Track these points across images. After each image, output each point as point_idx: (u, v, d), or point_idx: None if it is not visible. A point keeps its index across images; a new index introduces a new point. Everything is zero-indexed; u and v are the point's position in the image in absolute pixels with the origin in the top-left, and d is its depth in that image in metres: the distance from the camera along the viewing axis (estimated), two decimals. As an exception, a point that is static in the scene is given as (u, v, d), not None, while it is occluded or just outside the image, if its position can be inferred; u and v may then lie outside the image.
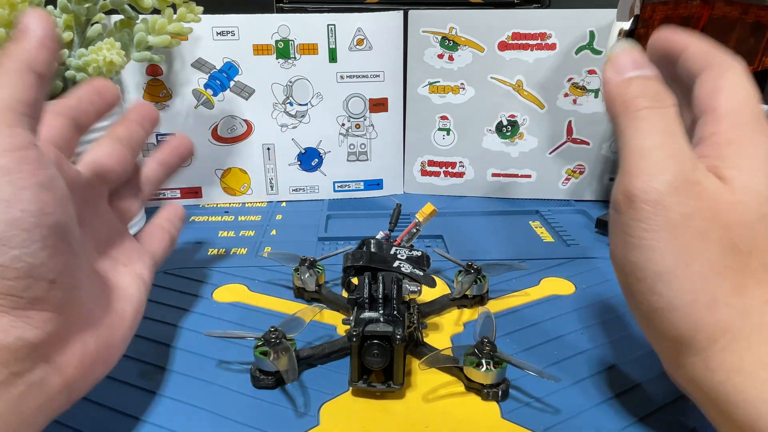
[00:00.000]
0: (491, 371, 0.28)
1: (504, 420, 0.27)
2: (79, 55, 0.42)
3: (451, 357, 0.30)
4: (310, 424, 0.27)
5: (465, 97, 0.57)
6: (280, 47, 0.54)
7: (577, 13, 0.53)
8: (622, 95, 0.24)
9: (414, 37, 0.56)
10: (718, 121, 0.23)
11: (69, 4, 0.42)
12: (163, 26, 0.46)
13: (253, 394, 0.29)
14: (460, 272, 0.38)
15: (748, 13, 0.37)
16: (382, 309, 0.29)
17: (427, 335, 0.35)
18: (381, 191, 0.61)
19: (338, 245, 0.48)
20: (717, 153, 0.22)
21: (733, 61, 0.24)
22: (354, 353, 0.28)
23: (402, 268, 0.33)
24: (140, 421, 0.27)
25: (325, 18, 0.54)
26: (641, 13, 0.43)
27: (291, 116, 0.57)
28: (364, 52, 0.55)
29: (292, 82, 0.55)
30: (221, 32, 0.53)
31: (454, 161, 0.59)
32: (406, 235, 0.38)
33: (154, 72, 0.54)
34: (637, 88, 0.24)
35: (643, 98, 0.23)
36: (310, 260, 0.38)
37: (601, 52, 0.54)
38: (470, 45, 0.55)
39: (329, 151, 0.58)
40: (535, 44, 0.54)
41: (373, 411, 0.28)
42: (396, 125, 0.59)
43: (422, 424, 0.27)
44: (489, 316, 0.32)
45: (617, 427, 0.27)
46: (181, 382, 0.30)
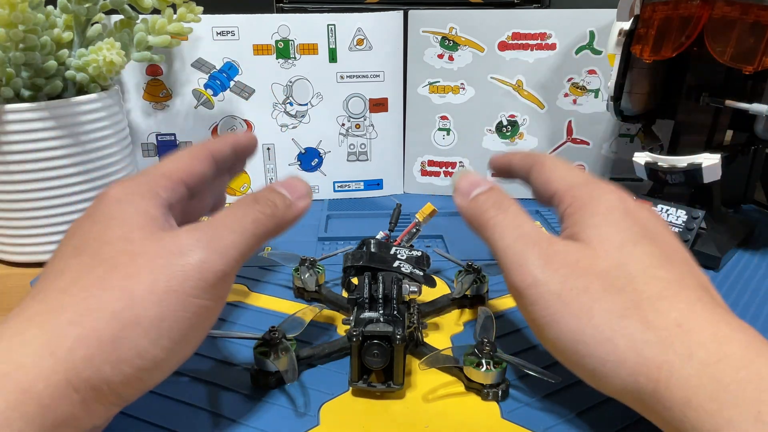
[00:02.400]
0: (491, 371, 0.28)
1: (504, 420, 0.27)
2: (79, 55, 0.42)
3: (451, 357, 0.30)
4: (310, 424, 0.27)
5: (465, 97, 0.57)
6: (280, 47, 0.54)
7: (577, 13, 0.53)
8: (474, 213, 0.28)
9: (414, 37, 0.56)
10: (563, 198, 0.27)
11: (69, 4, 0.42)
12: (163, 26, 0.46)
13: (253, 394, 0.29)
14: (460, 272, 0.38)
15: (748, 13, 0.37)
16: (382, 309, 0.29)
17: (427, 335, 0.35)
18: (381, 191, 0.61)
19: (338, 245, 0.48)
20: (572, 222, 0.26)
21: (543, 155, 0.30)
22: (354, 353, 0.28)
23: (402, 268, 0.33)
24: (140, 421, 0.27)
25: (325, 18, 0.54)
26: (641, 13, 0.43)
27: (291, 116, 0.57)
28: (364, 52, 0.55)
29: (292, 82, 0.55)
30: (221, 32, 0.53)
31: (454, 161, 0.59)
32: (406, 235, 0.38)
33: (154, 72, 0.54)
34: (482, 203, 0.28)
35: (490, 209, 0.27)
36: (310, 260, 0.38)
37: (601, 52, 0.54)
38: (470, 45, 0.55)
39: (329, 151, 0.58)
40: (535, 44, 0.54)
41: (373, 411, 0.28)
42: (396, 125, 0.59)
43: (422, 424, 0.27)
44: (489, 316, 0.32)
45: (617, 427, 0.27)
46: (181, 382, 0.30)
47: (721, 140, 0.46)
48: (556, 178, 0.28)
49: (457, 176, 0.30)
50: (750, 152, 0.46)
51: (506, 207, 0.27)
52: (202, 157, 0.28)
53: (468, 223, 0.28)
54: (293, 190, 0.27)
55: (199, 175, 0.28)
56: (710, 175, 0.42)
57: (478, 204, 0.28)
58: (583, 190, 0.26)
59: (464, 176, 0.29)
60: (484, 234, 0.27)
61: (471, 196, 0.28)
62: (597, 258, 0.23)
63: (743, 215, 0.55)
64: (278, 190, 0.27)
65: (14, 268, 0.45)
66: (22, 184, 0.41)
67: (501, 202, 0.27)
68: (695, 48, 0.41)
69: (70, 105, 0.41)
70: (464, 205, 0.28)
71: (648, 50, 0.43)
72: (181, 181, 0.26)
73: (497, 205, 0.27)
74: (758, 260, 0.45)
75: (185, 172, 0.27)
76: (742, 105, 0.41)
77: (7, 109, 0.39)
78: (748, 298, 0.39)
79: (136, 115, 0.55)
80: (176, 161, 0.27)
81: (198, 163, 0.28)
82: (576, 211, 0.26)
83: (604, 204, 0.25)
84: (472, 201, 0.28)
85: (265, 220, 0.25)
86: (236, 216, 0.25)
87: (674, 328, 0.21)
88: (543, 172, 0.29)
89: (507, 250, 0.25)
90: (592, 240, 0.24)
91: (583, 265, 0.23)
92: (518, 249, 0.25)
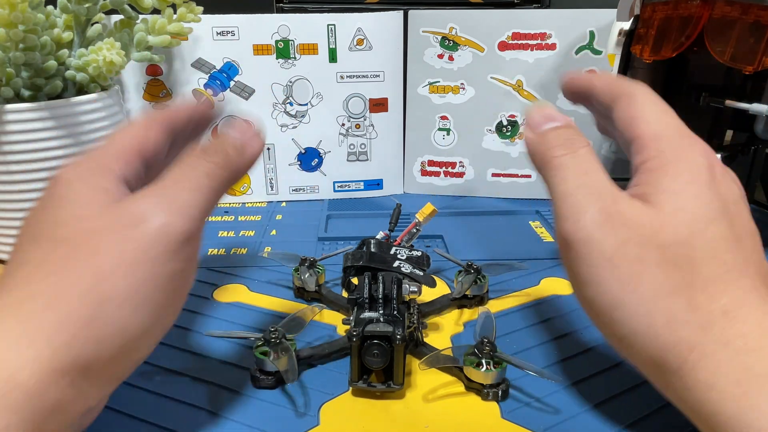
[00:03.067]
0: (491, 371, 0.28)
1: (504, 420, 0.27)
2: (79, 55, 0.42)
3: (451, 357, 0.30)
4: (310, 424, 0.27)
5: (465, 97, 0.57)
6: (280, 47, 0.54)
7: (577, 13, 0.53)
8: (540, 149, 0.25)
9: (414, 37, 0.56)
10: (646, 147, 0.24)
11: (69, 4, 0.42)
12: (163, 26, 0.46)
13: (253, 394, 0.29)
14: (460, 272, 0.38)
15: (748, 13, 0.37)
16: (382, 309, 0.29)
17: (427, 335, 0.35)
18: (381, 191, 0.61)
19: (338, 245, 0.48)
20: (647, 180, 0.23)
21: (636, 86, 0.26)
22: (354, 353, 0.28)
23: (402, 268, 0.33)
24: (140, 421, 0.27)
25: (325, 18, 0.54)
26: (641, 13, 0.43)
27: (291, 116, 0.57)
28: (364, 52, 0.55)
29: (292, 82, 0.55)
30: (221, 32, 0.53)
31: (454, 161, 0.59)
32: (406, 235, 0.38)
33: (154, 72, 0.54)
34: (551, 139, 0.25)
35: (558, 147, 0.25)
36: (310, 260, 0.38)
37: (601, 52, 0.54)
38: (470, 45, 0.55)
39: (329, 151, 0.58)
40: (535, 44, 0.54)
41: (373, 411, 0.28)
42: (396, 125, 0.59)
43: (422, 424, 0.27)
44: (489, 316, 0.32)
45: (617, 427, 0.27)
46: (181, 382, 0.30)
47: (721, 140, 0.46)
48: (645, 119, 0.24)
49: (532, 108, 0.27)
50: (750, 152, 0.46)
51: (577, 147, 0.25)
52: (156, 127, 0.26)
53: (531, 159, 0.26)
54: (242, 132, 0.26)
55: (154, 144, 0.26)
56: (710, 175, 0.42)
57: (547, 139, 0.25)
58: (672, 143, 0.24)
59: (539, 108, 0.27)
60: (546, 173, 0.25)
61: (541, 130, 0.26)
62: (663, 228, 0.22)
63: (743, 215, 0.55)
64: (226, 135, 0.26)
65: (14, 268, 0.45)
66: (22, 184, 0.41)
67: (572, 141, 0.25)
68: (695, 48, 0.41)
69: (70, 105, 0.41)
70: (532, 138, 0.26)
71: (648, 50, 0.43)
72: (135, 153, 0.25)
73: (567, 144, 0.25)
74: (758, 260, 0.45)
75: (138, 141, 0.25)
76: (742, 105, 0.41)
77: (7, 109, 0.39)
78: (748, 298, 0.39)
79: (136, 115, 0.55)
80: (128, 132, 0.25)
81: (153, 133, 0.26)
82: (656, 168, 0.23)
83: (689, 167, 0.23)
84: (541, 135, 0.26)
85: (219, 171, 0.24)
86: (188, 173, 0.23)
87: (719, 314, 0.21)
88: (631, 107, 0.25)
89: (566, 197, 0.23)
90: (664, 207, 0.22)
91: (646, 232, 0.22)
92: (579, 198, 0.23)
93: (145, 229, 0.21)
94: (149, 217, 0.21)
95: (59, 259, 0.21)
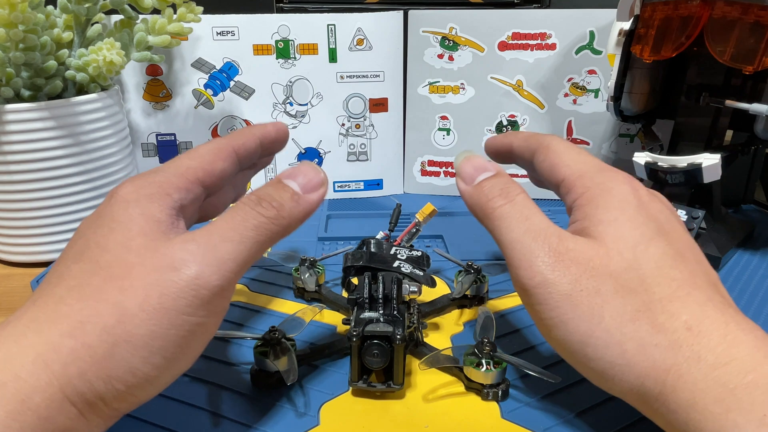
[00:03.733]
0: (491, 371, 0.28)
1: (504, 420, 0.27)
2: (79, 55, 0.42)
3: (451, 357, 0.30)
4: (310, 424, 0.27)
5: (465, 97, 0.57)
6: (280, 47, 0.54)
7: (577, 13, 0.53)
8: (478, 202, 0.26)
9: (414, 37, 0.56)
10: (573, 186, 0.25)
11: (69, 4, 0.42)
12: (163, 26, 0.46)
13: (253, 394, 0.29)
14: (460, 272, 0.38)
15: (748, 13, 0.37)
16: (382, 309, 0.29)
17: (427, 335, 0.35)
18: (381, 191, 0.61)
19: (338, 245, 0.48)
20: (581, 215, 0.24)
21: (550, 138, 0.28)
22: (354, 353, 0.28)
23: (402, 268, 0.33)
24: (140, 421, 0.27)
25: (325, 18, 0.54)
26: (641, 13, 0.43)
27: (291, 116, 0.57)
28: (364, 52, 0.55)
29: (292, 82, 0.55)
30: (221, 32, 0.53)
31: (453, 161, 0.59)
32: (406, 235, 0.38)
33: (154, 72, 0.54)
34: (487, 191, 0.26)
35: (496, 198, 0.25)
36: (310, 260, 0.38)
37: (601, 52, 0.54)
38: (470, 45, 0.55)
39: (329, 151, 0.58)
40: (535, 44, 0.54)
41: (373, 411, 0.28)
42: (396, 125, 0.59)
43: (422, 424, 0.27)
44: (489, 316, 0.32)
45: (617, 427, 0.27)
46: (181, 382, 0.30)
47: (721, 140, 0.46)
48: (565, 163, 0.26)
49: (460, 159, 0.28)
50: (750, 152, 0.46)
51: (513, 195, 0.25)
52: (224, 155, 0.26)
53: (471, 211, 0.27)
54: (304, 181, 0.25)
55: (219, 173, 0.26)
56: (710, 175, 0.42)
57: (484, 191, 0.26)
58: (594, 179, 0.25)
59: (468, 159, 0.27)
60: (489, 225, 0.26)
61: (476, 182, 0.26)
62: (609, 258, 0.23)
63: (743, 215, 0.55)
64: (286, 184, 0.24)
65: (15, 268, 0.45)
66: (22, 184, 0.41)
67: (508, 190, 0.25)
68: (695, 48, 0.41)
69: (70, 105, 0.41)
70: (468, 191, 0.27)
71: (648, 50, 0.43)
72: (197, 181, 0.25)
73: (504, 193, 0.25)
74: (758, 260, 0.45)
75: (203, 170, 0.25)
76: (742, 105, 0.41)
77: (7, 109, 0.39)
78: (748, 298, 0.39)
79: (136, 115, 0.55)
80: (195, 158, 0.26)
81: (219, 161, 0.26)
82: (587, 203, 0.24)
83: (617, 197, 0.24)
84: (477, 187, 0.26)
85: (268, 225, 0.23)
86: (235, 222, 0.23)
87: (684, 331, 0.21)
88: (549, 156, 0.27)
89: (514, 245, 0.24)
90: (604, 237, 0.23)
91: (595, 265, 0.22)
92: (526, 244, 0.24)
93: (177, 278, 0.21)
94: (184, 265, 0.21)
95: (93, 289, 0.21)
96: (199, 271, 0.21)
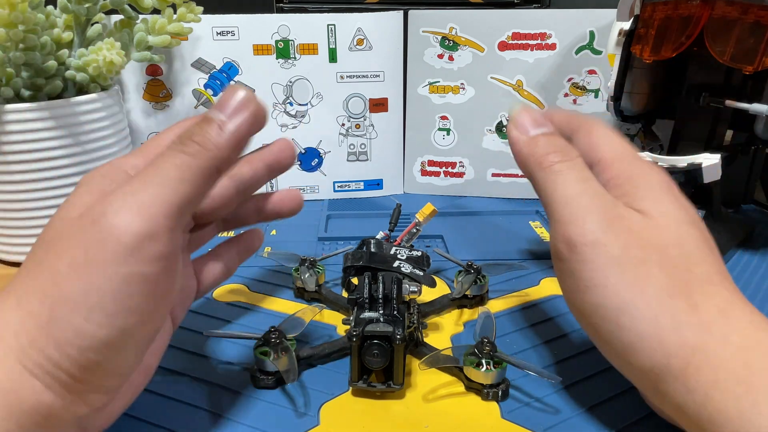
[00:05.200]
0: (491, 371, 0.28)
1: (504, 420, 0.27)
2: (79, 55, 0.42)
3: (451, 357, 0.30)
4: (310, 424, 0.27)
5: (465, 97, 0.57)
6: (280, 47, 0.54)
7: (577, 13, 0.53)
8: (533, 153, 0.26)
9: (414, 37, 0.56)
10: (610, 167, 0.25)
11: (69, 4, 0.42)
12: (163, 26, 0.46)
13: (253, 394, 0.29)
14: (460, 272, 0.38)
15: (748, 13, 0.37)
16: (382, 309, 0.29)
17: (427, 335, 0.35)
18: (381, 191, 0.61)
19: (338, 245, 0.48)
20: (622, 192, 0.25)
21: (591, 120, 0.28)
22: (354, 353, 0.28)
23: (402, 268, 0.33)
24: (140, 421, 0.27)
25: (325, 18, 0.54)
26: (641, 13, 0.43)
27: (291, 116, 0.57)
28: (364, 52, 0.55)
29: (292, 82, 0.55)
30: (221, 32, 0.53)
31: (454, 161, 0.59)
32: (406, 235, 0.38)
33: (154, 72, 0.54)
34: (544, 145, 0.26)
35: (553, 153, 0.25)
36: (310, 260, 0.38)
37: (601, 52, 0.54)
38: (470, 45, 0.55)
39: (329, 151, 0.58)
40: (535, 44, 0.54)
41: (373, 411, 0.28)
42: (396, 125, 0.59)
43: (422, 424, 0.27)
44: (489, 316, 0.32)
45: (617, 426, 0.27)
46: (181, 382, 0.30)
47: (721, 140, 0.46)
48: (605, 145, 0.26)
49: (517, 108, 0.27)
50: (750, 152, 0.46)
51: (573, 156, 0.25)
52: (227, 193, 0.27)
53: (521, 160, 0.27)
54: (225, 106, 0.22)
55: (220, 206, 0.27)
56: (710, 175, 0.42)
57: (540, 144, 0.26)
58: (632, 163, 0.25)
59: (526, 110, 0.27)
60: (542, 177, 0.25)
61: (532, 133, 0.26)
62: (659, 231, 0.23)
63: (743, 215, 0.55)
64: (209, 116, 0.22)
65: (14, 268, 0.45)
66: (22, 184, 0.41)
67: (567, 150, 0.26)
68: (695, 48, 0.41)
69: (70, 105, 0.41)
70: (523, 140, 0.26)
71: (648, 50, 0.43)
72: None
73: (564, 152, 0.25)
74: (758, 260, 0.45)
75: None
76: (742, 105, 0.41)
77: (7, 109, 0.39)
78: (748, 299, 0.39)
79: (136, 115, 0.55)
80: None
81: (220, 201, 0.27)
82: (626, 182, 0.25)
83: (656, 180, 0.25)
84: (533, 139, 0.26)
85: (191, 161, 0.21)
86: (156, 166, 0.21)
87: (716, 313, 0.21)
88: (591, 137, 0.27)
89: (569, 200, 0.24)
90: (652, 212, 0.23)
91: (646, 236, 0.23)
92: (584, 202, 0.24)
93: (98, 230, 0.20)
94: (102, 216, 0.20)
95: (37, 260, 0.21)
96: (118, 219, 0.20)
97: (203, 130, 0.22)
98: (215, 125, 0.22)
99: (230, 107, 0.22)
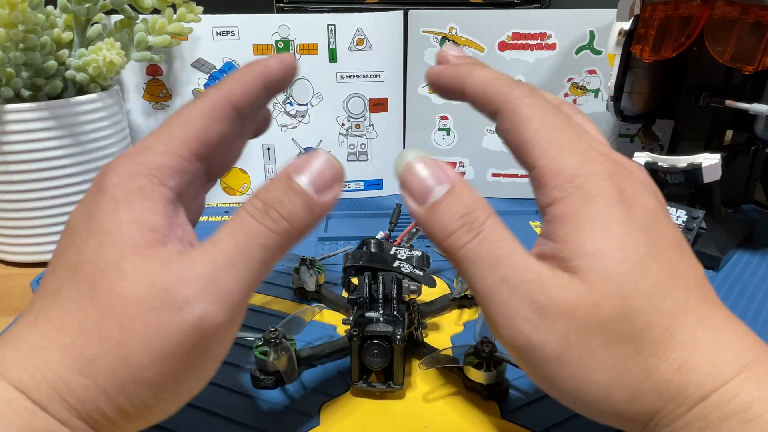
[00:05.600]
0: (491, 371, 0.28)
1: (504, 420, 0.27)
2: (79, 55, 0.42)
3: (451, 357, 0.30)
4: (310, 424, 0.27)
5: (465, 97, 0.57)
6: (280, 47, 0.54)
7: (577, 13, 0.53)
8: (436, 233, 0.21)
9: (414, 37, 0.56)
10: (545, 186, 0.21)
11: (69, 4, 0.42)
12: (163, 26, 0.46)
13: (253, 394, 0.29)
14: (460, 272, 0.38)
15: (748, 13, 0.37)
16: (382, 309, 0.29)
17: (427, 335, 0.35)
18: (381, 191, 0.61)
19: (338, 245, 0.48)
20: (562, 236, 0.20)
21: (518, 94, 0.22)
22: (354, 353, 0.28)
23: (402, 268, 0.33)
24: (140, 421, 0.27)
25: (325, 18, 0.54)
26: (641, 13, 0.43)
27: (291, 116, 0.57)
28: (364, 52, 0.55)
29: (292, 82, 0.55)
30: (221, 32, 0.53)
31: (454, 161, 0.59)
32: (406, 235, 0.38)
33: (154, 72, 0.54)
34: (445, 220, 0.21)
35: (456, 233, 0.20)
36: (310, 260, 0.38)
37: (601, 52, 0.54)
38: (470, 45, 0.55)
39: (329, 151, 0.58)
40: (535, 44, 0.54)
41: (373, 411, 0.28)
42: (396, 125, 0.59)
43: (422, 424, 0.27)
44: (489, 316, 0.32)
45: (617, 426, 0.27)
46: (181, 382, 0.30)
47: (721, 140, 0.46)
48: (538, 145, 0.21)
49: (402, 165, 0.22)
50: (750, 152, 0.46)
51: (478, 226, 0.20)
52: (220, 115, 0.22)
53: (431, 240, 0.22)
54: (317, 181, 0.20)
55: (217, 139, 0.22)
56: (710, 175, 0.42)
57: (441, 221, 0.21)
58: (575, 179, 0.20)
59: (412, 168, 0.22)
60: (455, 265, 0.21)
61: (428, 202, 0.21)
62: (598, 307, 0.20)
63: (743, 215, 0.55)
64: (296, 183, 0.20)
65: (15, 268, 0.45)
66: (22, 184, 0.41)
67: (471, 218, 0.20)
68: (695, 48, 0.41)
69: (70, 105, 0.41)
70: (421, 216, 0.21)
71: (648, 50, 0.43)
72: (193, 157, 0.21)
73: (468, 224, 0.20)
74: (758, 260, 0.45)
75: (198, 141, 0.21)
76: (742, 105, 0.41)
77: (7, 109, 0.39)
78: (748, 299, 0.39)
79: (136, 115, 0.55)
80: (187, 127, 0.21)
81: (215, 125, 0.22)
82: (565, 220, 0.20)
83: (601, 209, 0.20)
84: (431, 212, 0.21)
85: (278, 241, 0.20)
86: (239, 244, 0.20)
87: (673, 373, 0.20)
88: (517, 127, 0.21)
89: (489, 297, 0.20)
90: (590, 276, 0.20)
91: (583, 315, 0.20)
92: (504, 298, 0.20)
93: (180, 320, 0.19)
94: (186, 305, 0.19)
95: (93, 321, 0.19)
96: (204, 311, 0.19)
97: (291, 202, 0.20)
98: (303, 201, 0.20)
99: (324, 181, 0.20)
